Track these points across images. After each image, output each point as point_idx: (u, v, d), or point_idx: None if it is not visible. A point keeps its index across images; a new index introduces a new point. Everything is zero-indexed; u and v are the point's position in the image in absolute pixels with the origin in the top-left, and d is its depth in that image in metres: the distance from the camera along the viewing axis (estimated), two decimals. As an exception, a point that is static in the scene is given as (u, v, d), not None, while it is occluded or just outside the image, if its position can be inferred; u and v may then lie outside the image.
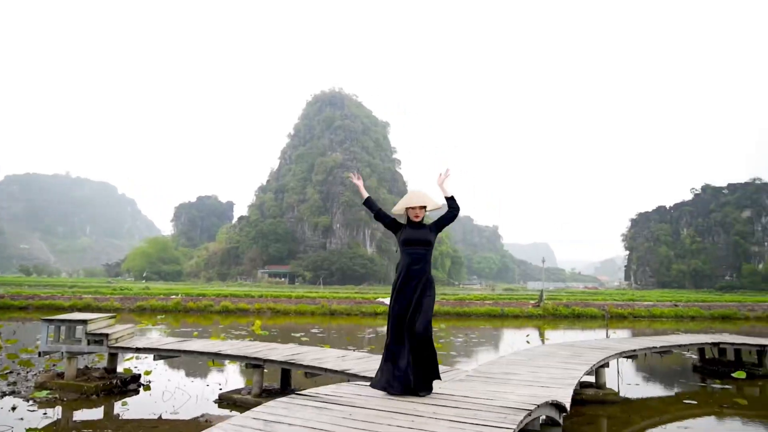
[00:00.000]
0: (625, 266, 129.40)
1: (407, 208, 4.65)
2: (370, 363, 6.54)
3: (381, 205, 4.87)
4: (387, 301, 27.93)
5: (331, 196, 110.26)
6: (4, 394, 7.09)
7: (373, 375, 5.74)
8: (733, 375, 9.18)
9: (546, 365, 6.41)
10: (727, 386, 8.93)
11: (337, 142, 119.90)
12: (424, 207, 4.63)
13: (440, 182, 4.75)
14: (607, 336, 17.26)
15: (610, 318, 23.69)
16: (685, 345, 9.54)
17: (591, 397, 7.26)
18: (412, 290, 4.39)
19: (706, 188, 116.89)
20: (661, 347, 8.88)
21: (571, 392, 4.75)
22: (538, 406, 3.51)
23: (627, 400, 7.75)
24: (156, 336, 15.20)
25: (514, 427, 2.95)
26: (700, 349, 10.45)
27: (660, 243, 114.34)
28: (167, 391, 7.60)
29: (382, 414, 3.34)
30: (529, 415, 3.31)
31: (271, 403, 3.59)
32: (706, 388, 8.85)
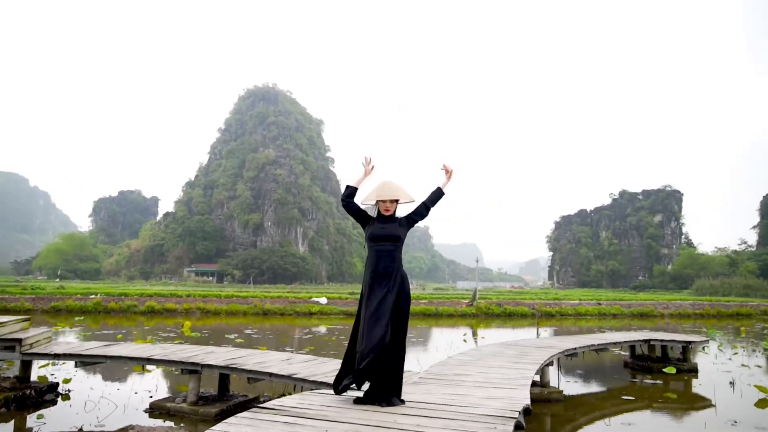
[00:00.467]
0: (549, 266, 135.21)
1: (378, 201, 4.34)
2: (318, 366, 6.22)
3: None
4: (322, 300, 27.59)
5: (262, 193, 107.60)
6: None
7: (323, 379, 5.45)
8: (664, 370, 9.59)
9: (497, 365, 6.35)
10: (657, 381, 9.33)
11: (269, 138, 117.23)
12: (396, 201, 4.34)
13: (447, 173, 4.58)
14: (538, 334, 17.77)
15: (540, 316, 24.48)
16: (619, 342, 9.89)
17: (537, 396, 7.28)
18: (382, 291, 4.06)
19: (623, 194, 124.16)
20: (599, 345, 9.14)
21: (528, 393, 4.68)
22: (520, 412, 3.37)
23: (568, 398, 7.88)
24: (74, 340, 14.08)
25: (508, 438, 2.78)
26: (631, 345, 10.88)
27: (581, 244, 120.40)
28: (90, 400, 6.92)
29: (363, 429, 3.04)
30: (517, 422, 3.15)
31: (232, 419, 3.18)
32: (639, 384, 9.20)
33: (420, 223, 4.75)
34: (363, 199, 4.44)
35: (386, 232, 4.23)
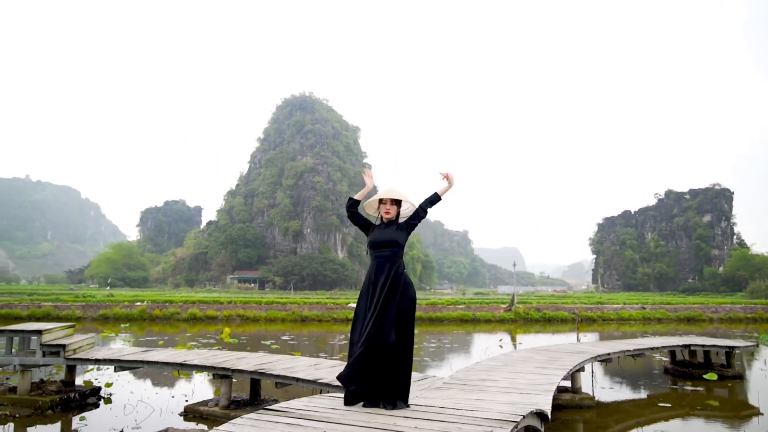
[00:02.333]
0: (593, 270, 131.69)
1: (379, 203, 4.37)
2: (343, 371, 6.31)
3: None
4: (359, 306, 27.76)
5: (301, 201, 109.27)
6: (-50, 411, 6.62)
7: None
8: (705, 377, 9.25)
9: (523, 371, 6.29)
10: (698, 388, 9.00)
11: (307, 146, 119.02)
12: (397, 203, 4.35)
13: (448, 180, 4.46)
14: (578, 339, 17.37)
15: (581, 321, 23.93)
16: (657, 347, 9.60)
17: (567, 402, 7.18)
18: (378, 296, 4.05)
19: (669, 193, 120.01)
20: (634, 350, 8.89)
21: (550, 399, 4.63)
22: (524, 416, 3.36)
23: (602, 404, 7.71)
24: (119, 346, 14.65)
25: (502, 441, 2.79)
26: (671, 351, 10.53)
27: (626, 247, 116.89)
28: (129, 404, 7.22)
29: (360, 431, 3.12)
30: (516, 426, 3.15)
31: (237, 420, 3.31)
32: (678, 390, 8.90)
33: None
34: (367, 202, 4.51)
35: (384, 236, 4.22)
